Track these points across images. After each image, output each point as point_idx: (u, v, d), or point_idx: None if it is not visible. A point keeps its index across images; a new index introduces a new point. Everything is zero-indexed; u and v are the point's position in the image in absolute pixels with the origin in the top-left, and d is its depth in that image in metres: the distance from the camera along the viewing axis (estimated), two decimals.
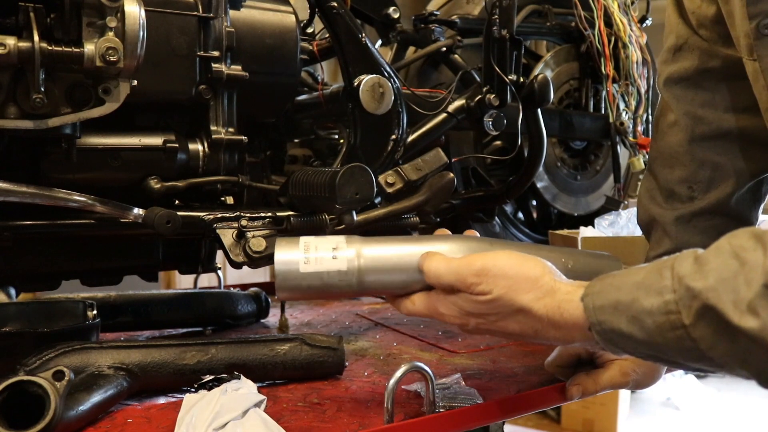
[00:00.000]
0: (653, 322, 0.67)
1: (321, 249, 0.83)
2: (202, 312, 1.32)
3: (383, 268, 0.83)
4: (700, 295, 0.64)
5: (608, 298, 0.71)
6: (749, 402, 4.29)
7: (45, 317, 1.07)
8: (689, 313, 0.65)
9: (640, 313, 0.68)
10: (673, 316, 0.66)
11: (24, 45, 0.84)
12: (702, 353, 0.66)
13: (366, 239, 0.86)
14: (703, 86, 1.03)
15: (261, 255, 1.07)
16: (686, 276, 0.66)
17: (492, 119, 1.31)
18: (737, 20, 0.87)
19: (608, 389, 0.93)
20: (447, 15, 1.65)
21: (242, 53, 1.12)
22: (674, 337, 0.66)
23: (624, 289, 0.70)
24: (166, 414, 0.88)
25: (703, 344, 0.65)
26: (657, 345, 0.68)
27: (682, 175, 1.05)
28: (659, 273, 0.68)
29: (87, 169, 1.03)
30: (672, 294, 0.66)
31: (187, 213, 1.06)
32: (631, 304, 0.69)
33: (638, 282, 0.70)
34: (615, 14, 1.72)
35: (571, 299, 0.74)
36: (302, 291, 0.84)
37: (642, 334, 0.68)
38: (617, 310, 0.70)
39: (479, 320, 0.80)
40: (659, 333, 0.67)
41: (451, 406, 0.88)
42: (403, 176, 1.20)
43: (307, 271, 0.82)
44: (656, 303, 0.67)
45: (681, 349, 0.67)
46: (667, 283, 0.67)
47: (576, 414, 3.91)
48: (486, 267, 0.78)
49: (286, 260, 0.83)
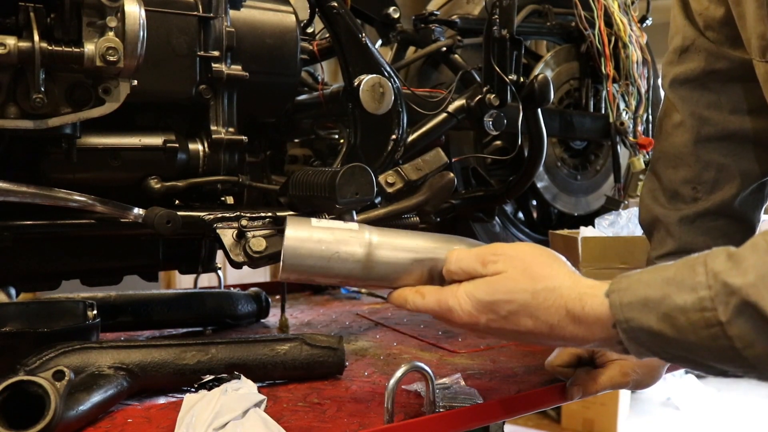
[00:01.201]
0: (686, 319, 0.65)
1: (332, 230, 0.81)
2: (202, 312, 1.32)
3: (393, 256, 0.81)
4: (740, 291, 0.62)
5: (636, 295, 0.68)
6: (749, 402, 4.29)
7: (45, 317, 1.07)
8: (726, 310, 0.62)
9: (672, 310, 0.65)
10: (708, 313, 0.63)
11: (24, 45, 0.84)
12: (737, 352, 0.64)
13: (379, 228, 0.84)
14: (709, 87, 1.03)
15: (261, 255, 1.07)
16: (722, 272, 0.63)
17: (492, 119, 1.31)
18: (750, 22, 0.87)
19: (608, 389, 0.93)
20: (447, 15, 1.65)
21: (242, 53, 1.12)
22: (708, 335, 0.64)
23: (653, 285, 0.67)
24: (166, 414, 0.88)
25: (739, 343, 0.63)
26: (688, 344, 0.66)
27: (687, 175, 1.04)
28: (691, 269, 0.66)
29: (87, 169, 1.03)
30: (707, 290, 0.63)
31: (187, 213, 1.06)
32: (662, 301, 0.66)
33: (669, 278, 0.67)
34: (615, 14, 1.72)
35: (595, 294, 0.71)
36: (307, 268, 0.80)
37: (673, 332, 0.66)
38: (647, 307, 0.67)
39: (490, 315, 0.76)
40: (692, 331, 0.65)
41: (451, 406, 0.88)
42: (403, 176, 1.20)
43: (317, 248, 0.79)
44: (690, 299, 0.64)
45: (713, 349, 0.65)
46: (701, 279, 0.64)
47: (576, 414, 3.91)
48: (505, 249, 0.77)
49: (296, 235, 0.80)
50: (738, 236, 1.05)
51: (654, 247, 1.08)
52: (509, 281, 0.75)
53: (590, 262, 1.22)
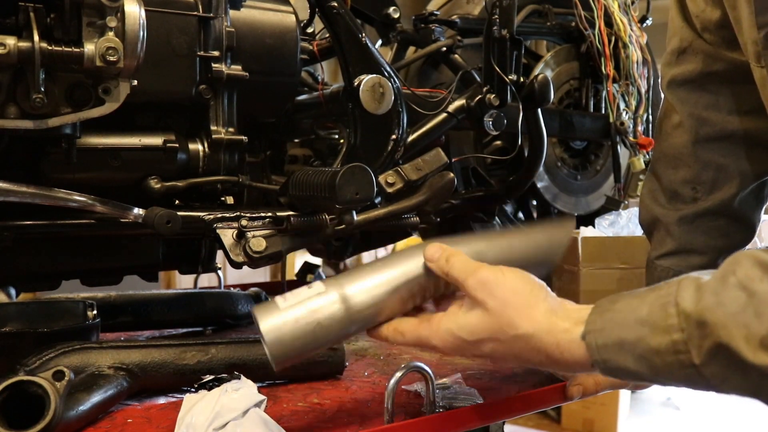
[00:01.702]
0: (662, 361, 0.66)
1: (302, 302, 0.76)
2: (202, 312, 1.32)
3: (372, 297, 0.78)
4: (711, 335, 0.62)
5: (611, 337, 0.69)
6: (749, 402, 4.29)
7: (45, 317, 1.07)
8: (699, 353, 0.63)
9: (647, 353, 0.67)
10: (682, 356, 0.64)
11: (24, 45, 0.84)
12: (713, 387, 0.65)
13: (345, 275, 0.80)
14: (707, 89, 1.03)
15: (261, 255, 1.07)
16: (693, 313, 0.64)
17: (492, 119, 1.31)
18: (745, 27, 0.87)
19: (608, 389, 0.93)
20: (447, 15, 1.65)
21: (242, 53, 1.12)
22: (684, 375, 0.65)
23: (627, 326, 0.68)
24: (166, 414, 0.88)
25: (714, 381, 0.64)
26: (666, 381, 0.68)
27: (686, 176, 1.05)
28: (664, 309, 0.66)
29: (87, 169, 1.03)
30: (680, 333, 0.64)
31: (187, 213, 1.06)
32: (637, 343, 0.67)
33: (642, 319, 0.68)
34: (615, 14, 1.72)
35: (571, 339, 0.72)
36: (298, 351, 0.76)
37: (650, 373, 0.67)
38: (623, 349, 0.68)
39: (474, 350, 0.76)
40: (668, 371, 0.66)
41: (451, 406, 0.88)
42: (403, 176, 1.20)
43: (297, 329, 0.75)
44: (664, 342, 0.65)
45: (691, 384, 0.67)
46: (673, 322, 0.65)
47: (576, 414, 3.91)
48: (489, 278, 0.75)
49: (271, 326, 0.75)
50: (737, 236, 1.05)
51: (654, 247, 1.08)
52: (488, 322, 0.74)
53: (590, 262, 1.22)
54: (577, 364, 0.72)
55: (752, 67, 0.88)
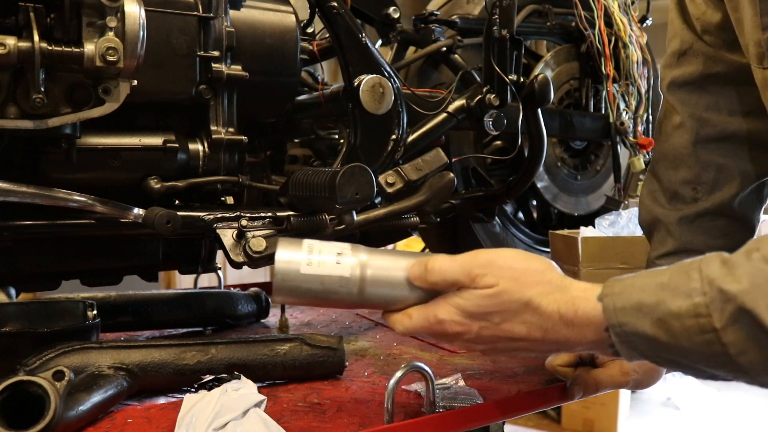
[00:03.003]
0: (681, 325, 0.65)
1: (324, 252, 0.79)
2: (202, 312, 1.32)
3: (386, 279, 0.79)
4: (735, 299, 0.62)
5: (630, 300, 0.68)
6: (749, 402, 4.29)
7: (45, 317, 1.07)
8: (721, 317, 0.63)
9: (666, 316, 0.66)
10: (703, 319, 0.64)
11: (24, 45, 0.84)
12: (730, 358, 0.64)
13: (372, 250, 0.82)
14: (708, 90, 1.03)
15: (261, 255, 1.07)
16: (717, 278, 0.64)
17: (492, 119, 1.31)
18: (747, 29, 0.87)
19: (609, 389, 0.93)
20: (447, 15, 1.65)
21: (242, 53, 1.12)
22: (702, 341, 0.64)
23: (648, 290, 0.68)
24: (166, 414, 0.88)
25: (733, 349, 0.63)
26: (682, 349, 0.66)
27: (687, 176, 1.05)
28: (686, 275, 0.66)
29: (87, 169, 1.03)
30: (702, 296, 0.64)
31: (187, 213, 1.06)
32: (657, 306, 0.66)
33: (663, 283, 0.67)
34: (615, 14, 1.72)
35: (587, 297, 0.71)
36: (301, 294, 0.79)
37: (667, 337, 0.66)
38: (641, 312, 0.67)
39: (482, 323, 0.75)
40: (686, 336, 0.65)
41: (451, 406, 0.88)
42: (403, 176, 1.20)
43: (309, 273, 0.78)
44: (685, 305, 0.65)
45: (707, 354, 0.65)
46: (695, 285, 0.65)
47: (576, 414, 3.91)
48: (491, 259, 0.75)
49: (287, 259, 0.79)
50: (738, 236, 1.05)
51: (654, 248, 1.08)
52: (502, 294, 0.74)
53: (590, 262, 1.22)
54: (590, 325, 0.71)
55: (753, 68, 0.88)
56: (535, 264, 0.76)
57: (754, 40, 0.86)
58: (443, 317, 0.76)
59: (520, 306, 0.73)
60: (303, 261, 0.79)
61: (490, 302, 0.74)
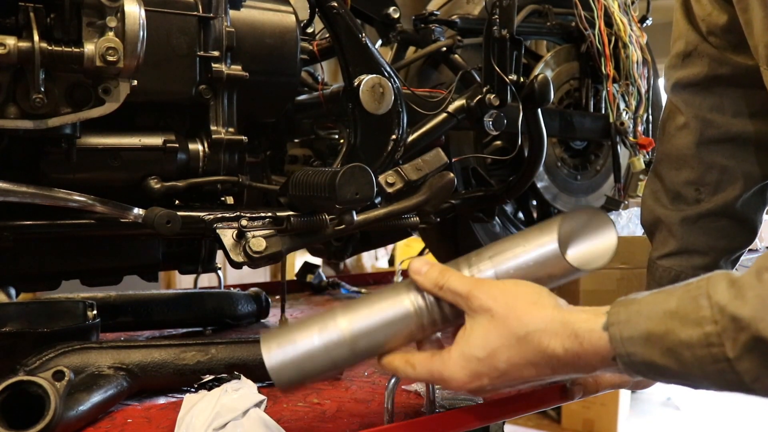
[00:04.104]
0: (692, 354, 0.63)
1: (304, 330, 0.78)
2: (202, 312, 1.32)
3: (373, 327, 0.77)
4: (749, 327, 0.60)
5: (638, 329, 0.66)
6: (749, 402, 4.29)
7: (45, 317, 1.07)
8: (734, 346, 0.61)
9: (676, 346, 0.64)
10: (715, 349, 0.62)
11: (24, 45, 0.84)
12: (744, 385, 0.63)
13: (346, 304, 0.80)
14: (713, 91, 1.03)
15: (261, 255, 1.07)
16: (728, 304, 0.62)
17: (492, 119, 1.31)
18: (757, 30, 0.86)
19: (609, 389, 0.93)
20: (447, 15, 1.65)
21: (242, 53, 1.12)
22: (715, 370, 0.63)
23: (655, 318, 0.66)
24: (166, 414, 0.88)
25: (747, 377, 0.62)
26: (693, 377, 0.65)
27: (690, 177, 1.04)
28: (695, 301, 0.64)
29: (87, 169, 1.03)
30: (713, 325, 0.62)
31: (187, 213, 1.06)
32: (666, 336, 0.65)
33: (671, 311, 0.65)
34: (615, 14, 1.72)
35: (592, 328, 0.69)
36: (301, 377, 0.78)
37: (678, 367, 0.65)
38: (649, 342, 0.66)
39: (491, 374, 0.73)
40: (698, 366, 0.63)
41: (451, 406, 0.88)
42: (403, 176, 1.20)
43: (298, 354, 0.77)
44: (695, 335, 0.63)
45: (720, 381, 0.64)
46: (705, 314, 0.63)
47: (576, 414, 3.91)
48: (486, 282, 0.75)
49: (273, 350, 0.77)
50: (740, 238, 1.05)
51: (656, 248, 1.08)
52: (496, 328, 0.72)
53: None
54: (597, 356, 0.69)
55: (762, 70, 0.88)
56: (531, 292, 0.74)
57: (764, 42, 0.85)
58: (448, 377, 0.74)
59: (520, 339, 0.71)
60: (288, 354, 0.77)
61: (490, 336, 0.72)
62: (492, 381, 0.73)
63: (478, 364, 0.73)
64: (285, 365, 0.76)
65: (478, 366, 0.73)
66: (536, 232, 0.79)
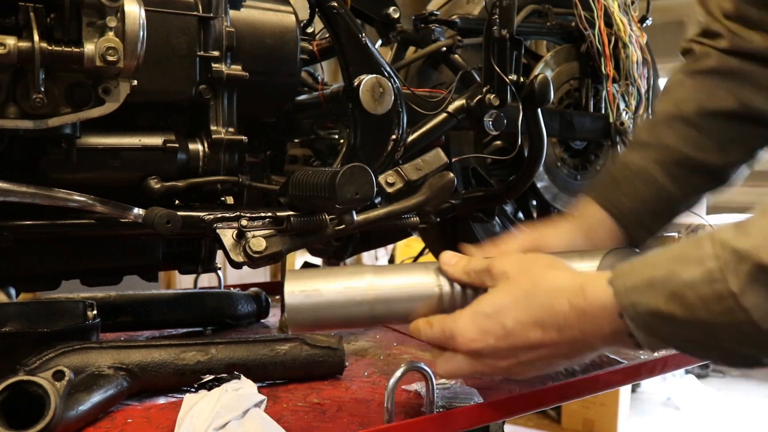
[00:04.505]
0: (696, 294, 0.60)
1: (331, 280, 0.82)
2: (202, 312, 1.32)
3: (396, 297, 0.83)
4: (750, 256, 0.57)
5: (641, 276, 0.64)
6: (749, 402, 4.29)
7: (45, 317, 1.07)
8: (738, 279, 0.58)
9: (680, 288, 0.61)
10: (718, 284, 0.59)
11: (24, 45, 0.84)
12: (755, 326, 0.58)
13: (377, 269, 0.85)
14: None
15: (261, 255, 1.07)
16: (730, 240, 0.59)
17: (492, 119, 1.31)
18: None
19: None
20: (447, 15, 1.65)
21: (242, 53, 1.12)
22: (721, 310, 0.59)
23: (658, 265, 0.64)
24: (166, 414, 0.88)
25: (756, 313, 0.58)
26: (702, 324, 0.61)
27: None
28: (697, 243, 0.62)
29: (87, 169, 1.03)
30: (715, 260, 0.59)
31: (187, 213, 1.06)
32: (669, 279, 0.62)
33: (674, 256, 0.63)
34: (615, 14, 1.72)
35: (597, 283, 0.68)
36: (315, 322, 0.83)
37: (684, 312, 0.61)
38: (653, 288, 0.63)
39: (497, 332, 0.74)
40: (704, 307, 0.60)
41: (450, 405, 0.88)
42: (404, 176, 1.20)
43: (319, 301, 0.81)
44: (698, 272, 0.60)
45: (730, 326, 0.60)
46: (707, 251, 0.60)
47: (576, 414, 3.91)
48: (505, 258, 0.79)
49: (296, 291, 0.82)
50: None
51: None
52: (509, 288, 0.74)
53: None
54: (604, 313, 0.67)
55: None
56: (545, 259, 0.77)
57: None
58: (457, 331, 0.77)
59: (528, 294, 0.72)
60: (311, 291, 0.82)
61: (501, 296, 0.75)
62: (497, 341, 0.74)
63: (485, 319, 0.74)
64: (303, 309, 0.81)
65: (486, 322, 0.74)
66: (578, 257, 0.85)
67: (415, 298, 0.82)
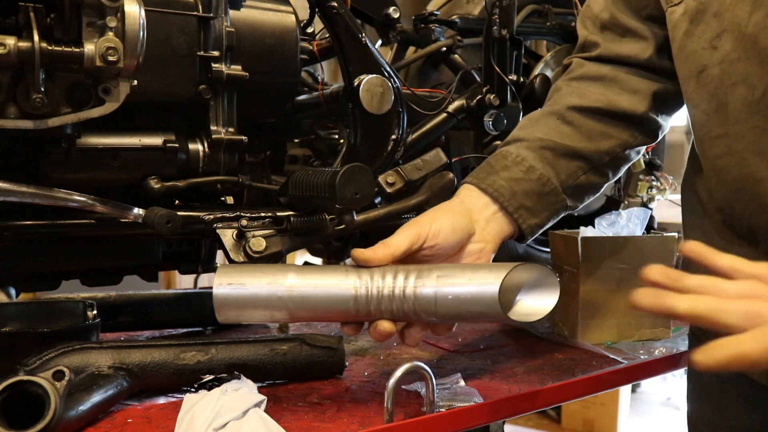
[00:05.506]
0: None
1: (258, 276, 0.87)
2: (202, 312, 1.32)
3: (313, 296, 0.87)
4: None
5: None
6: None
7: (45, 317, 1.07)
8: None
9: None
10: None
11: (24, 45, 0.84)
12: None
13: (302, 268, 0.90)
14: None
15: (261, 255, 1.07)
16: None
17: (492, 119, 1.31)
18: None
19: None
20: (447, 15, 1.65)
21: (242, 53, 1.12)
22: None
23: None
24: (166, 414, 0.88)
25: None
26: None
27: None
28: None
29: (87, 169, 1.03)
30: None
31: (187, 213, 1.06)
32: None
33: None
34: None
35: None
36: (240, 314, 0.88)
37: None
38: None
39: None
40: None
41: (451, 405, 0.88)
42: (403, 176, 1.20)
43: (243, 294, 0.86)
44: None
45: None
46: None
47: (576, 414, 3.91)
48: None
49: (224, 283, 0.86)
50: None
51: None
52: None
53: (590, 262, 1.22)
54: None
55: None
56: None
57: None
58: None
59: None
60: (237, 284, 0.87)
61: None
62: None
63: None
64: (228, 302, 0.86)
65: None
66: (485, 271, 0.88)
67: (331, 300, 0.87)
